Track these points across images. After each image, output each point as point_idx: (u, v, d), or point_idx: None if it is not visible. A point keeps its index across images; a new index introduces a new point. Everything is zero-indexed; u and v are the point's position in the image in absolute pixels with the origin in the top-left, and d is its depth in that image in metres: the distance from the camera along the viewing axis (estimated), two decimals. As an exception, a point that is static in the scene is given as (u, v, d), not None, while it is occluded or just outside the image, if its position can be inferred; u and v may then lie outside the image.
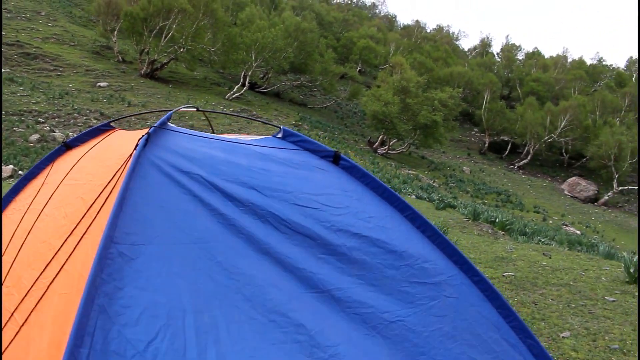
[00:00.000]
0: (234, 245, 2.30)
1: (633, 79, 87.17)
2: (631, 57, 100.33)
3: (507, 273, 7.03)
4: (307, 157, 3.00)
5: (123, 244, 2.06)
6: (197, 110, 3.71)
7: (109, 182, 2.38)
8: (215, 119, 32.24)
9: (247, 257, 2.29)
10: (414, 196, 22.76)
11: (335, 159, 3.00)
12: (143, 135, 2.54)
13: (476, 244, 9.65)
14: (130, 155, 2.43)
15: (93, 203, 2.33)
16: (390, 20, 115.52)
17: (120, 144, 2.98)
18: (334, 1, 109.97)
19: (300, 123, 41.64)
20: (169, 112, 3.06)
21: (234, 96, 42.60)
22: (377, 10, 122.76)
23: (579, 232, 29.16)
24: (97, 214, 2.24)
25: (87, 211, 2.31)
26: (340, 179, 2.93)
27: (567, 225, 32.34)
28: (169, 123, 2.94)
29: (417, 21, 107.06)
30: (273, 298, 2.20)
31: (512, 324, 2.77)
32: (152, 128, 2.66)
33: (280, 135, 3.21)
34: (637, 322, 4.95)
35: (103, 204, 2.26)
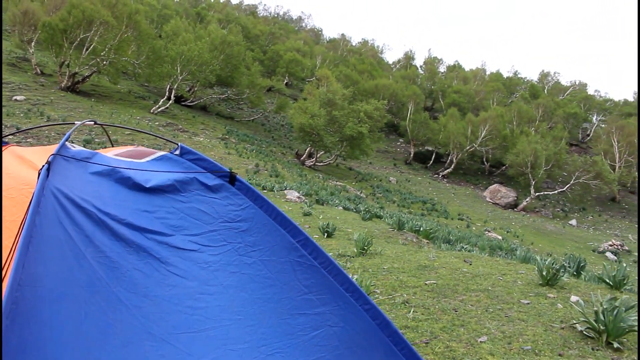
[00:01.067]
0: (115, 290, 2.27)
1: (545, 90, 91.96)
2: (543, 71, 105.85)
3: (429, 281, 7.21)
4: (203, 179, 2.95)
5: (26, 286, 2.00)
6: (95, 124, 3.62)
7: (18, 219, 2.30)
8: (130, 134, 31.54)
9: (127, 300, 2.26)
10: (341, 207, 22.98)
11: (231, 179, 2.98)
12: (44, 165, 2.45)
13: (400, 253, 9.85)
14: (34, 185, 2.36)
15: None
16: (317, 33, 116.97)
17: (19, 168, 2.87)
18: (261, 14, 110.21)
19: (227, 136, 41.31)
20: (68, 133, 2.96)
21: (159, 110, 41.79)
22: (303, 24, 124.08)
23: (500, 238, 30.30)
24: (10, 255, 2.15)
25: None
26: (232, 205, 2.90)
27: (489, 231, 33.51)
28: (69, 146, 2.86)
29: (342, 35, 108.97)
30: (147, 342, 2.20)
31: (403, 351, 2.80)
32: (52, 156, 2.57)
33: (177, 152, 3.16)
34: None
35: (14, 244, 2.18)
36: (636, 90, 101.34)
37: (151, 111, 41.15)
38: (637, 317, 5.05)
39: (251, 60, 59.05)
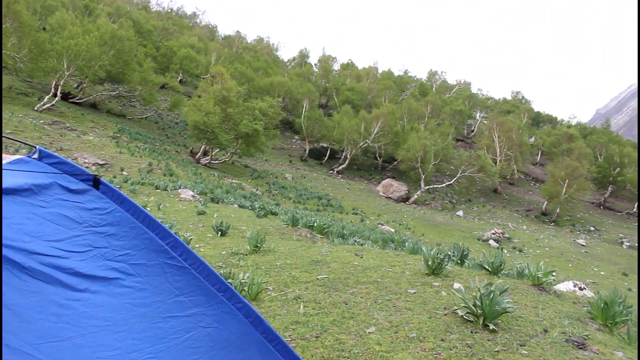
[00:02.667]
0: None
1: (433, 89, 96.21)
2: (431, 70, 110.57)
3: (321, 276, 7.35)
4: (64, 182, 2.84)
5: None
6: None
7: None
8: (23, 132, 29.61)
9: None
10: (236, 205, 22.83)
11: (95, 183, 2.89)
12: None
13: (294, 249, 9.95)
14: None
15: None
16: (211, 30, 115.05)
17: None
18: (154, 9, 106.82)
19: (119, 135, 39.73)
20: None
21: (44, 107, 39.36)
22: (197, 20, 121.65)
23: (393, 230, 31.36)
24: None
25: None
26: (97, 209, 2.82)
27: (382, 225, 34.58)
28: None
29: (238, 32, 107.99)
30: (4, 356, 2.10)
31: (277, 347, 2.85)
32: None
33: (35, 155, 3.00)
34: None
35: None
36: (513, 90, 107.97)
37: (35, 108, 38.67)
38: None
39: (143, 57, 57.13)
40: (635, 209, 64.63)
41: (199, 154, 44.40)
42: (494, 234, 40.55)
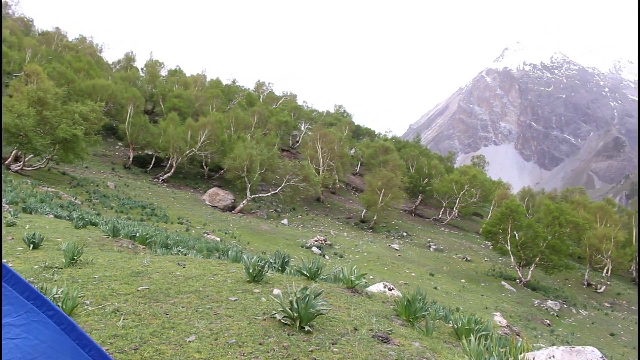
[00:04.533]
0: None
1: (261, 99, 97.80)
2: (259, 80, 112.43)
3: (141, 287, 7.21)
4: None
5: None
6: None
7: None
8: None
9: None
10: (52, 215, 21.28)
11: None
12: None
13: (114, 261, 9.61)
14: None
15: None
16: (26, 23, 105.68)
17: None
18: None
19: None
20: None
21: None
22: (10, 11, 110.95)
23: (218, 239, 31.28)
24: None
25: None
26: None
27: (208, 234, 34.34)
28: None
29: (57, 28, 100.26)
30: None
31: (91, 353, 2.84)
32: None
33: None
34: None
35: None
36: (336, 104, 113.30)
37: None
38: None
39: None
40: (440, 215, 71.21)
41: (9, 160, 40.57)
42: (316, 241, 42.21)
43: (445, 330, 7.48)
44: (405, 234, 56.97)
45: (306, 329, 5.60)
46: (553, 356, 5.80)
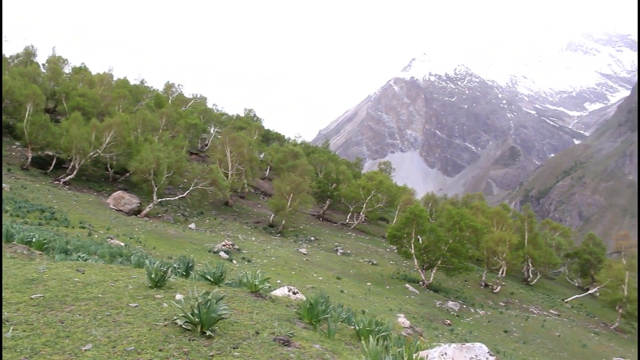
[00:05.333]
0: None
1: (170, 101, 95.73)
2: (168, 82, 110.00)
3: (35, 295, 6.92)
4: None
5: None
6: None
7: None
8: None
9: None
10: (-63, 219, 19.87)
11: None
12: None
13: (5, 268, 9.14)
14: None
15: None
16: None
17: None
18: None
19: None
20: None
21: None
22: None
23: (122, 244, 30.32)
24: None
25: None
26: None
27: (112, 239, 33.17)
28: None
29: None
30: None
31: None
32: None
33: None
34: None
35: None
36: (246, 107, 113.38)
37: None
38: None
39: None
40: (347, 220, 72.52)
41: None
42: (224, 245, 41.83)
43: (348, 332, 7.72)
44: (313, 238, 57.56)
45: (207, 334, 5.63)
46: (445, 353, 6.16)
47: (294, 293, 10.13)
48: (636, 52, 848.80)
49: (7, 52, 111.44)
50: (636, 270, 56.85)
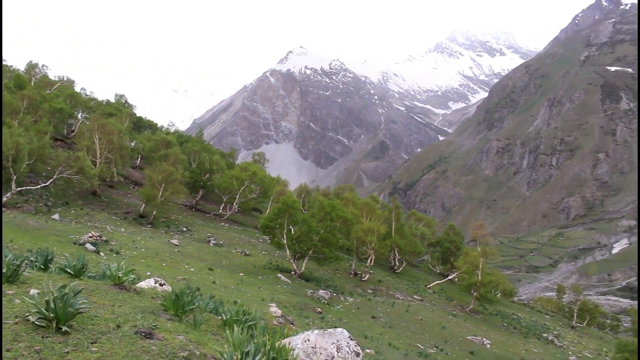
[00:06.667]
0: None
1: (32, 82, 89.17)
2: (31, 61, 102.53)
3: None
4: None
5: None
6: None
7: None
8: None
9: None
10: None
11: None
12: None
13: None
14: None
15: None
16: None
17: None
18: None
19: None
20: None
21: None
22: None
23: (-27, 237, 27.94)
24: None
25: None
26: None
27: (-40, 231, 30.45)
28: None
29: None
30: None
31: None
32: None
33: None
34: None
35: None
36: (117, 93, 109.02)
37: None
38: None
39: None
40: (220, 211, 71.92)
41: None
42: (91, 237, 39.86)
43: (215, 323, 7.73)
44: (185, 229, 56.44)
45: (64, 330, 5.40)
46: (308, 339, 6.38)
47: (161, 285, 9.95)
48: (493, 58, 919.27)
49: None
50: (489, 257, 61.75)
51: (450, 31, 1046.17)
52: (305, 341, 6.36)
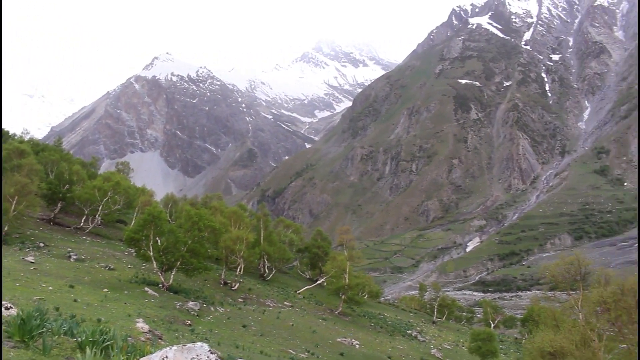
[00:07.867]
0: None
1: None
2: None
3: None
4: None
5: None
6: None
7: None
8: None
9: None
10: None
11: None
12: None
13: None
14: None
15: None
16: None
17: None
18: None
19: None
20: None
21: None
22: None
23: None
24: None
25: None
26: None
27: None
28: None
29: None
30: None
31: None
32: None
33: None
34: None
35: None
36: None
37: None
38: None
39: None
40: (82, 224, 68.19)
41: None
42: None
43: (69, 345, 7.30)
44: (42, 244, 52.74)
45: None
46: (167, 356, 6.37)
47: (7, 308, 9.38)
48: (357, 69, 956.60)
49: None
50: (355, 261, 64.11)
51: (316, 41, 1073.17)
52: (163, 358, 6.33)
